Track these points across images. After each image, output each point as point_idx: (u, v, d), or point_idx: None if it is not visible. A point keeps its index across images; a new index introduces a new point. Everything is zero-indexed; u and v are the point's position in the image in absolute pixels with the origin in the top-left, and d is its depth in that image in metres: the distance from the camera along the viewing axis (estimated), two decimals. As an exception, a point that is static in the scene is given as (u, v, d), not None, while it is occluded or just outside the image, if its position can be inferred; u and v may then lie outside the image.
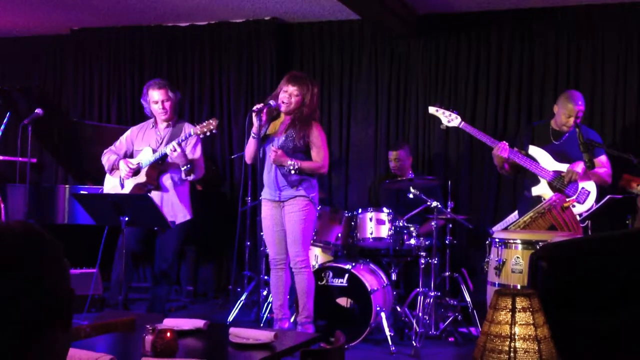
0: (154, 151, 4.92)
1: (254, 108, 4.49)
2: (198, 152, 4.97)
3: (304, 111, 4.46)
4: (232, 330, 2.60)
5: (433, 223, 5.03)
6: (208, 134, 4.72)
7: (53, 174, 7.33)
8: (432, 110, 4.97)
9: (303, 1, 6.10)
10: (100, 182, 5.25)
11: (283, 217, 4.53)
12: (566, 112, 4.76)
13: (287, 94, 4.45)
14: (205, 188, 6.43)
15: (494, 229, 5.05)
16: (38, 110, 5.24)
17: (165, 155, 4.84)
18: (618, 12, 5.82)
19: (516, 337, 2.02)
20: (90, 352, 2.08)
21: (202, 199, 5.95)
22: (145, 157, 4.94)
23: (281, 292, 4.60)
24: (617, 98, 5.86)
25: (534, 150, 4.84)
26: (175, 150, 4.71)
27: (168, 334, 2.33)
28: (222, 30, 6.88)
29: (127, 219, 4.32)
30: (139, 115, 6.60)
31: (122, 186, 4.99)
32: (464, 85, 6.26)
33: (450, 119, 4.89)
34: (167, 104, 4.98)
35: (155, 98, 4.97)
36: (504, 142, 4.76)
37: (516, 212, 5.13)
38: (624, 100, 5.85)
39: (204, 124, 4.74)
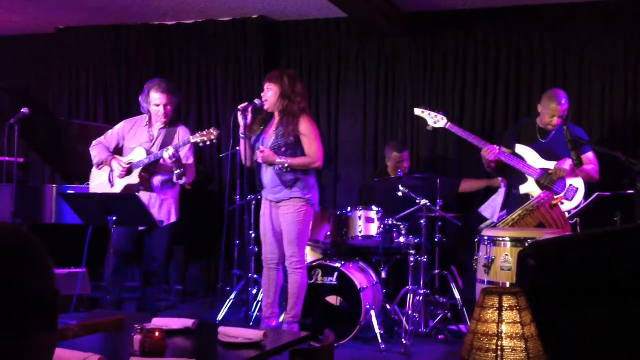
0: (148, 152, 4.86)
1: (239, 107, 4.52)
2: (191, 158, 4.94)
3: (288, 105, 4.47)
4: (221, 329, 2.59)
5: (422, 221, 5.04)
6: (208, 143, 4.68)
7: (40, 173, 7.28)
8: (417, 112, 4.97)
9: (291, -1, 6.09)
10: (88, 181, 5.20)
11: (279, 218, 4.54)
12: (550, 112, 4.76)
13: (265, 92, 4.53)
14: (193, 187, 6.40)
15: (484, 216, 5.04)
16: (24, 110, 5.19)
17: (159, 158, 4.80)
18: (604, 9, 5.84)
19: (503, 335, 2.02)
20: (78, 352, 2.06)
21: (190, 199, 5.92)
22: (138, 157, 4.88)
23: (272, 291, 4.61)
24: (604, 95, 5.88)
25: (520, 148, 4.85)
26: (173, 157, 4.67)
27: (157, 334, 2.32)
28: (209, 29, 6.84)
29: (114, 218, 4.29)
30: (126, 114, 6.55)
31: (112, 184, 4.94)
32: (451, 82, 6.27)
33: (436, 120, 4.89)
34: (168, 108, 4.92)
35: (157, 101, 4.89)
36: (495, 146, 4.74)
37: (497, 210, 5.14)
38: (611, 97, 5.87)
39: (205, 132, 4.67)
